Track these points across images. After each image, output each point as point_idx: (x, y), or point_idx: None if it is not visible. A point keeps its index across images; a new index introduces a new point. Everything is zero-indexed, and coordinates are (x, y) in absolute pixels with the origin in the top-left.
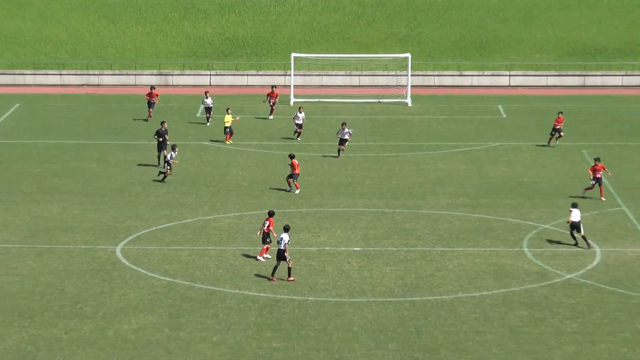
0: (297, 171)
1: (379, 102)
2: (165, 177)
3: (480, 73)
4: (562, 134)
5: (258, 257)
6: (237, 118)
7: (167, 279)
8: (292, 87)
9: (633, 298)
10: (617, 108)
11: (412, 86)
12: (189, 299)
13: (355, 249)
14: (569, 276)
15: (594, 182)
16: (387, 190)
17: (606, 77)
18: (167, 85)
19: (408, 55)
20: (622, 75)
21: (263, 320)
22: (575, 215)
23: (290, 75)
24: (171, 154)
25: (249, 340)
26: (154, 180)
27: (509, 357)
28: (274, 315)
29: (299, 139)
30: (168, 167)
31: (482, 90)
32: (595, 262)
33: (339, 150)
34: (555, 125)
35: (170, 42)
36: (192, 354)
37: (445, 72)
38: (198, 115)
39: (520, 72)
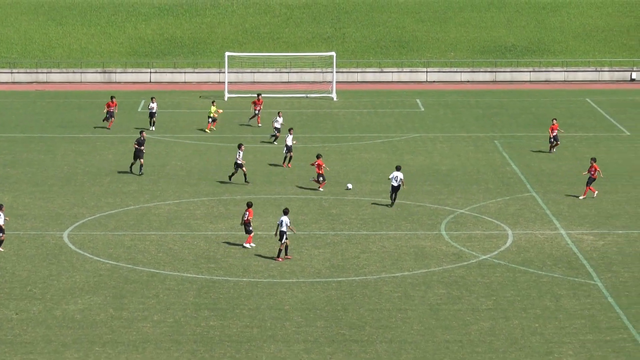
0: (320, 171)
1: (307, 97)
2: (245, 175)
3: (400, 70)
4: (558, 142)
5: (244, 244)
6: (221, 111)
7: (111, 262)
8: (226, 83)
9: (543, 277)
10: (526, 101)
11: (337, 82)
12: (131, 281)
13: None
14: (484, 257)
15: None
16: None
17: (515, 73)
18: (110, 82)
19: (333, 53)
20: (530, 72)
21: (200, 300)
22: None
23: (224, 72)
24: (239, 153)
25: (188, 319)
26: (220, 182)
27: (429, 333)
28: (211, 295)
29: (275, 142)
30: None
31: (402, 85)
32: (507, 244)
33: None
34: (551, 132)
35: (114, 42)
36: (134, 332)
37: (368, 69)
38: (139, 110)
39: (436, 69)
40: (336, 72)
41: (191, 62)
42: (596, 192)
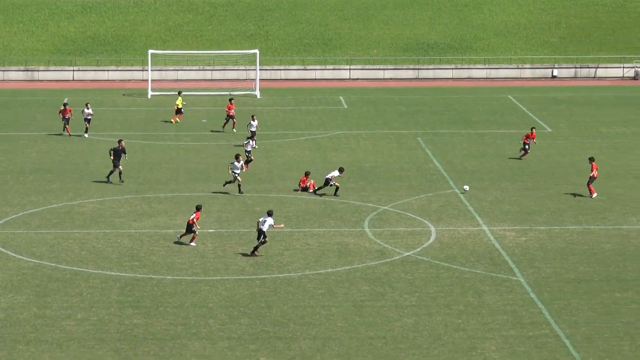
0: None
1: (230, 94)
2: (239, 186)
3: (323, 67)
4: (528, 151)
5: (190, 243)
6: (184, 102)
7: (34, 260)
8: (149, 81)
9: (466, 273)
10: (448, 99)
11: (261, 80)
12: (54, 279)
13: (209, 230)
14: (407, 254)
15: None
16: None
17: (438, 70)
18: (33, 81)
19: (256, 51)
20: (452, 69)
21: (124, 298)
22: None
23: (147, 70)
24: (234, 164)
25: (111, 317)
26: (214, 192)
27: (353, 329)
28: (135, 293)
29: (255, 146)
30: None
31: (325, 83)
32: (430, 240)
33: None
34: (525, 140)
35: (36, 40)
36: (58, 331)
37: (291, 67)
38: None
39: (359, 66)
40: (260, 69)
41: (114, 60)
42: (595, 193)
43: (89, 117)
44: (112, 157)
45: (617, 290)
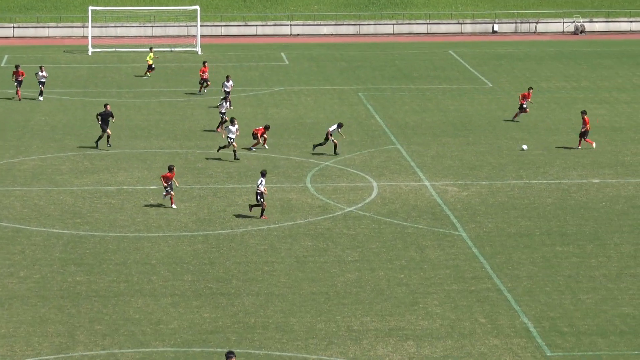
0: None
1: (171, 51)
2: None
3: (264, 23)
4: (526, 110)
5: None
6: (157, 57)
7: None
8: (89, 38)
9: (408, 228)
10: (389, 54)
11: (202, 36)
12: None
13: (151, 187)
14: (349, 209)
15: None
16: (180, 133)
17: (379, 26)
18: None
19: (197, 7)
20: (393, 24)
21: (67, 256)
22: None
23: (88, 27)
24: (229, 128)
25: (54, 274)
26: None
27: (296, 285)
28: (77, 250)
29: (231, 107)
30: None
31: (266, 39)
32: (373, 196)
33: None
34: (522, 100)
35: None
36: (0, 289)
37: (232, 23)
38: (2, 65)
39: (300, 22)
40: (200, 26)
41: (54, 16)
42: (594, 143)
43: (43, 80)
44: (99, 122)
45: (557, 244)
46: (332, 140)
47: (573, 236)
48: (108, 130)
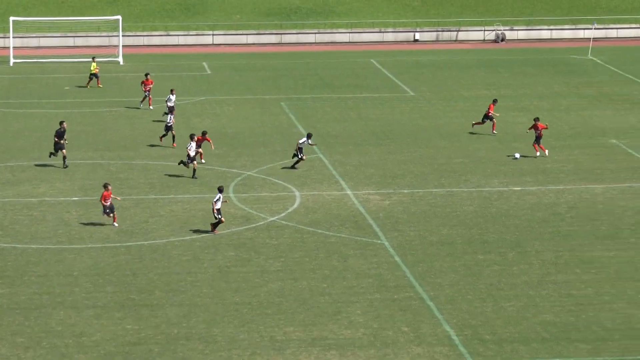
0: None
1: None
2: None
3: (186, 33)
4: (494, 120)
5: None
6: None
7: None
8: (11, 48)
9: (330, 237)
10: (311, 63)
11: (123, 46)
12: None
13: (73, 198)
14: (272, 219)
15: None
16: (102, 144)
17: (300, 35)
18: None
19: (119, 17)
20: (315, 33)
21: None
22: None
23: (9, 37)
24: (191, 144)
25: None
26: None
27: (218, 296)
28: None
29: (171, 119)
30: (188, 160)
31: (188, 48)
32: (295, 205)
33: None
34: (488, 112)
35: None
36: None
37: (154, 33)
38: None
39: (222, 32)
40: (122, 36)
41: None
42: (547, 150)
43: None
44: (55, 140)
45: (479, 252)
46: (301, 156)
47: (494, 244)
48: (64, 150)
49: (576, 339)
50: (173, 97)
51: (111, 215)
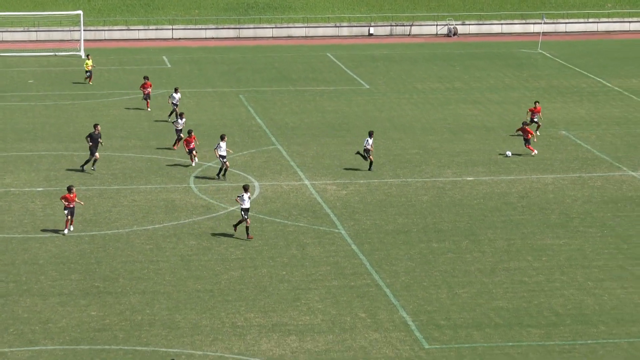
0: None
1: (55, 55)
2: (224, 171)
3: (146, 27)
4: (540, 123)
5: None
6: (94, 65)
7: None
8: None
9: (289, 226)
10: (269, 57)
11: (85, 40)
12: None
13: (38, 189)
14: (232, 208)
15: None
16: (66, 135)
17: (258, 29)
18: None
19: (80, 12)
20: (272, 28)
21: None
22: None
23: None
24: (219, 146)
25: None
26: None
27: (181, 283)
28: None
29: (170, 118)
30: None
31: (148, 43)
32: (254, 196)
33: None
34: (532, 115)
35: None
36: None
37: (115, 27)
38: None
39: (182, 26)
40: (84, 30)
41: None
42: (535, 151)
43: None
44: (89, 144)
45: (434, 240)
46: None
47: (448, 232)
48: (97, 154)
49: (528, 324)
50: (177, 95)
51: (68, 218)
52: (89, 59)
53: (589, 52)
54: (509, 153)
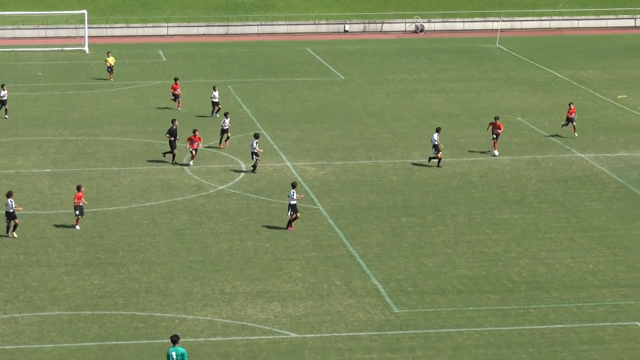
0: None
1: (62, 50)
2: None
3: (144, 25)
4: (574, 123)
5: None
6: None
7: None
8: None
9: (272, 203)
10: (255, 51)
11: (89, 37)
12: None
13: (46, 170)
14: (221, 187)
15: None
16: (71, 122)
17: (245, 27)
18: None
19: (84, 11)
20: (257, 25)
21: None
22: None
23: None
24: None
25: None
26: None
27: (175, 255)
28: None
29: (217, 115)
30: (257, 158)
31: (146, 39)
32: (241, 176)
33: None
34: (568, 115)
35: None
36: None
37: (116, 25)
38: None
39: (176, 24)
40: (88, 27)
41: None
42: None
43: (5, 99)
44: (169, 139)
45: (403, 215)
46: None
47: (416, 208)
48: (174, 150)
49: (487, 290)
50: (216, 93)
51: (77, 216)
52: (109, 56)
53: (542, 47)
54: (496, 152)
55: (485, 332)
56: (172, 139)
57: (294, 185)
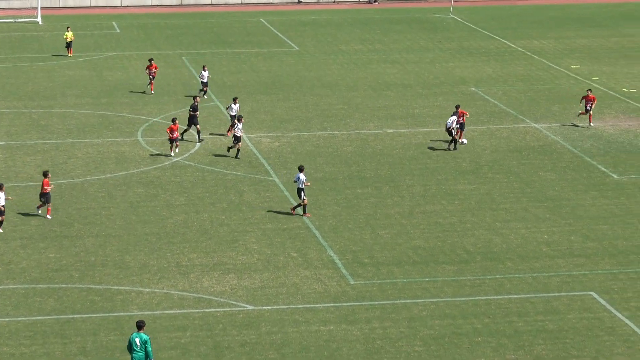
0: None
1: (15, 21)
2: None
3: None
4: (591, 113)
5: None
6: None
7: None
8: None
9: (228, 175)
10: (208, 22)
11: (42, 8)
12: None
13: (0, 143)
14: (176, 159)
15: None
16: (24, 94)
17: None
18: None
19: None
20: None
21: None
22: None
23: None
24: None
25: None
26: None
27: (130, 227)
28: None
29: (205, 96)
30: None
31: (99, 10)
32: (196, 147)
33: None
34: (586, 104)
35: None
36: None
37: None
38: None
39: None
40: None
41: None
42: (465, 140)
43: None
44: (191, 114)
45: (358, 186)
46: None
47: (371, 179)
48: (190, 127)
49: (443, 261)
50: (205, 74)
51: (46, 205)
52: (68, 31)
53: (495, 16)
54: (464, 141)
55: (441, 303)
56: (193, 112)
57: (301, 169)
